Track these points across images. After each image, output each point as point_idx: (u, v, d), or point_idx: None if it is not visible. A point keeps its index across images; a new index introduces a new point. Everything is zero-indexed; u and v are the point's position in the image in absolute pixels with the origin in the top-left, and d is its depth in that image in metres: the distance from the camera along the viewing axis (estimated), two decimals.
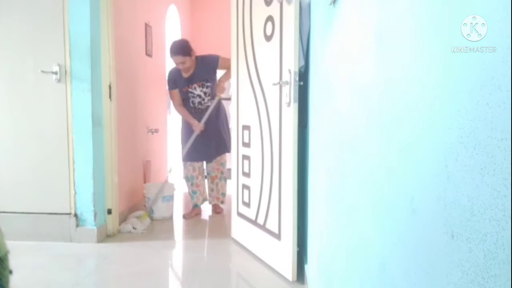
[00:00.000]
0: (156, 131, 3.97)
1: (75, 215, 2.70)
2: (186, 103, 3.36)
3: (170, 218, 3.42)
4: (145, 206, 3.41)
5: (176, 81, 3.32)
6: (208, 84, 3.30)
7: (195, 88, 3.30)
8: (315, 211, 1.73)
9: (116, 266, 2.37)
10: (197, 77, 3.29)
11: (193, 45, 3.09)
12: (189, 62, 3.20)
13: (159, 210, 3.34)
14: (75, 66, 2.64)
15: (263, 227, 2.40)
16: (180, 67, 3.22)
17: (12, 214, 2.71)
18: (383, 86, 0.74)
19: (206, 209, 3.61)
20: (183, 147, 3.39)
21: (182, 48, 3.19)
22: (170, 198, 3.43)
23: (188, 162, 3.38)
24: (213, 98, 3.34)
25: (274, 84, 2.18)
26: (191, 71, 3.27)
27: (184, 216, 3.45)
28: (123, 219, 3.10)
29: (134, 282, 2.14)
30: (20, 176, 2.73)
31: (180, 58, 3.18)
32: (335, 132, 1.23)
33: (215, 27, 5.50)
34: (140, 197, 3.61)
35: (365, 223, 0.85)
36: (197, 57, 3.29)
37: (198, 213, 3.51)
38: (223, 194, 3.53)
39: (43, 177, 2.71)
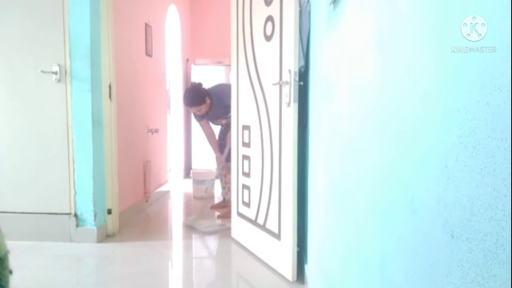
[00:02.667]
0: (156, 131, 3.97)
1: (75, 215, 2.70)
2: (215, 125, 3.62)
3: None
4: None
5: (202, 116, 3.43)
6: (230, 114, 3.34)
7: (220, 121, 3.56)
8: (315, 211, 1.73)
9: (116, 266, 2.37)
10: (217, 115, 3.42)
11: (193, 45, 3.08)
12: (204, 107, 3.28)
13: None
14: (75, 66, 2.64)
15: (263, 227, 2.40)
16: (198, 113, 3.34)
17: (12, 214, 2.71)
18: (382, 86, 0.74)
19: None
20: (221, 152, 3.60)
21: (194, 100, 3.26)
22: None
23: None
24: None
25: (274, 84, 2.18)
26: (211, 111, 3.35)
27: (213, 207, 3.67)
28: (123, 219, 3.09)
29: (134, 282, 2.14)
30: (20, 176, 2.73)
31: (194, 109, 3.31)
32: (335, 132, 1.23)
33: (215, 27, 5.50)
34: (140, 197, 3.61)
35: (365, 223, 0.85)
36: (211, 95, 3.31)
37: (225, 206, 3.59)
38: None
39: (43, 177, 2.71)
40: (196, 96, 3.27)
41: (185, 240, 3.03)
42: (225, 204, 3.61)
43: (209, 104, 3.29)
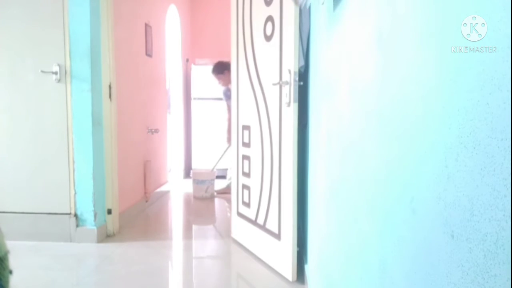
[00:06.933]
0: (156, 131, 3.97)
1: (75, 215, 2.70)
2: None
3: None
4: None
5: (229, 96, 3.97)
6: None
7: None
8: (315, 211, 1.73)
9: (116, 266, 2.37)
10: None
11: (193, 45, 3.12)
12: (223, 79, 4.04)
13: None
14: (75, 66, 2.64)
15: (263, 227, 2.40)
16: (219, 84, 4.14)
17: (12, 214, 2.71)
18: (382, 86, 0.73)
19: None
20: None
21: (214, 68, 4.08)
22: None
23: None
24: None
25: (274, 84, 2.18)
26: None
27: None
28: (123, 219, 3.10)
29: (134, 282, 2.14)
30: (20, 176, 2.73)
31: (214, 77, 4.13)
32: (335, 132, 1.23)
33: (215, 27, 5.50)
34: (140, 197, 3.61)
35: (365, 223, 0.85)
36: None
37: (227, 192, 4.04)
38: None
39: (43, 177, 2.71)
40: (218, 66, 4.07)
41: (185, 240, 3.03)
42: (225, 190, 4.21)
43: (227, 78, 3.81)
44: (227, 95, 4.06)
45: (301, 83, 2.05)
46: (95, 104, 2.69)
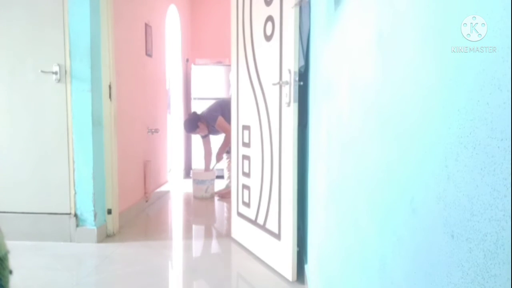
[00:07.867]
0: (156, 131, 3.97)
1: (75, 215, 2.70)
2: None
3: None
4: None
5: (205, 134, 4.19)
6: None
7: (220, 133, 4.20)
8: (315, 211, 1.73)
9: (116, 266, 2.37)
10: (213, 131, 4.13)
11: (193, 45, 3.13)
12: (200, 130, 4.07)
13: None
14: (75, 66, 2.64)
15: (263, 227, 2.40)
16: (199, 134, 4.17)
17: (12, 214, 2.71)
18: (382, 86, 0.73)
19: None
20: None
21: (189, 127, 4.06)
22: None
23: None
24: None
25: (274, 84, 2.18)
26: (208, 129, 4.11)
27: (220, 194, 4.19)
28: (123, 219, 3.10)
29: (134, 282, 2.14)
30: (20, 176, 2.73)
31: (192, 134, 4.26)
32: (335, 132, 1.23)
33: (215, 27, 5.50)
34: (140, 197, 3.61)
35: (365, 223, 0.85)
36: (204, 119, 4.04)
37: (227, 197, 4.08)
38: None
39: (43, 177, 2.71)
40: (190, 125, 4.05)
41: (185, 240, 3.03)
42: (226, 191, 4.16)
43: (203, 126, 4.03)
44: (202, 135, 4.20)
45: (301, 83, 2.05)
46: (95, 104, 2.69)
